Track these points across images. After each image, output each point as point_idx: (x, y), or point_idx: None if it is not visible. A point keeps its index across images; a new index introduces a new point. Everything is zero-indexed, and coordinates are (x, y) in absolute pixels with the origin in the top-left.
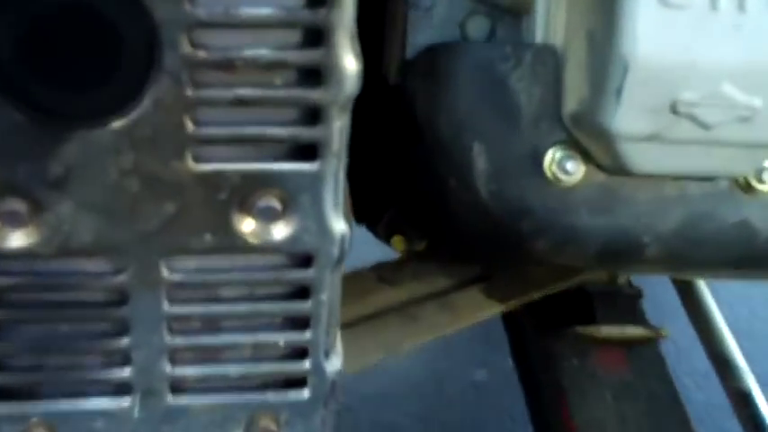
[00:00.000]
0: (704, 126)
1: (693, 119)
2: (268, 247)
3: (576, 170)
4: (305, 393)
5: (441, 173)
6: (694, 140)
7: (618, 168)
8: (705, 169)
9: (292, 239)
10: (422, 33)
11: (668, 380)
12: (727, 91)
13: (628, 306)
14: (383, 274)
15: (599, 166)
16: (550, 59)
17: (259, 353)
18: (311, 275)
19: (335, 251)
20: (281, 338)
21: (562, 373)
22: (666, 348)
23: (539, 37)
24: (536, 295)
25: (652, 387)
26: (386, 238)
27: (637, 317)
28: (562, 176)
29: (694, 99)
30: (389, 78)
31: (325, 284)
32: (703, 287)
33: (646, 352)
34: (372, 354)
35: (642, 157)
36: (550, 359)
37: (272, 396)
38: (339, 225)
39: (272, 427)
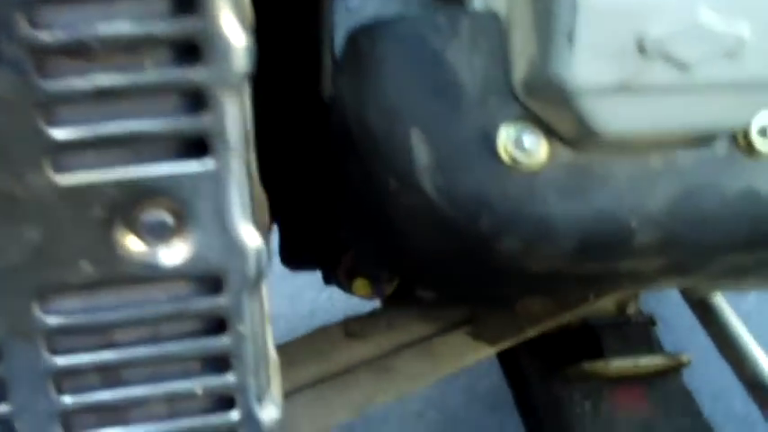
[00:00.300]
0: (681, 66)
1: (667, 58)
2: (164, 273)
3: (536, 147)
4: None
5: (378, 176)
6: (671, 86)
7: (584, 136)
8: (691, 124)
9: (193, 260)
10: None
11: (696, 412)
12: (705, 19)
13: (639, 335)
14: (352, 328)
15: (564, 141)
16: (492, 26)
17: (174, 407)
18: (223, 303)
19: (250, 270)
20: (199, 385)
21: (574, 420)
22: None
23: (478, 4)
24: (531, 333)
25: (679, 424)
26: (348, 284)
27: (651, 346)
28: (521, 157)
29: (665, 34)
30: (325, 95)
31: (243, 313)
32: (723, 304)
33: (667, 384)
34: (339, 412)
35: (611, 115)
36: (559, 405)
37: None
38: (251, 237)
39: None
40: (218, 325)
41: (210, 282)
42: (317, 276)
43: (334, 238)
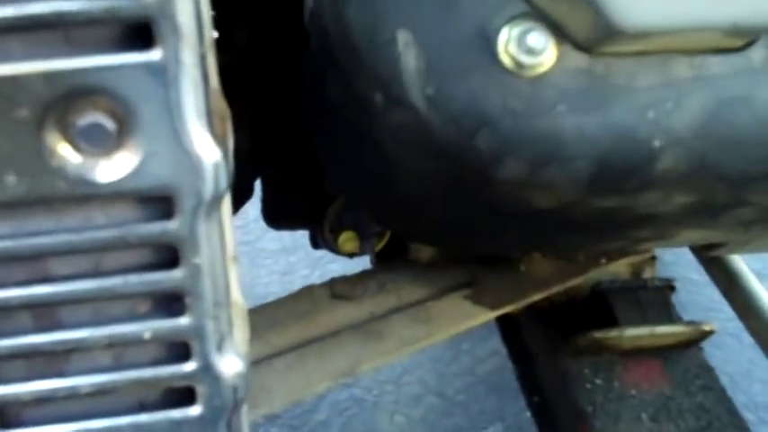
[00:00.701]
0: None
1: None
2: (104, 191)
3: (543, 49)
4: (194, 410)
5: (362, 90)
6: None
7: (601, 35)
8: (727, 18)
9: (138, 176)
10: None
11: (719, 389)
12: None
13: (656, 302)
14: (338, 289)
15: (576, 43)
16: None
17: (119, 355)
18: (175, 229)
19: (207, 188)
20: (147, 329)
21: (583, 397)
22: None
23: None
24: (536, 296)
25: (699, 401)
26: (333, 239)
27: (669, 314)
28: (526, 61)
29: None
30: (306, 9)
31: (199, 241)
32: (747, 273)
33: (686, 358)
34: (319, 378)
35: (632, 7)
36: (566, 381)
37: (146, 418)
38: (207, 148)
39: None
40: (169, 256)
41: (159, 203)
42: (309, 254)
43: (318, 192)
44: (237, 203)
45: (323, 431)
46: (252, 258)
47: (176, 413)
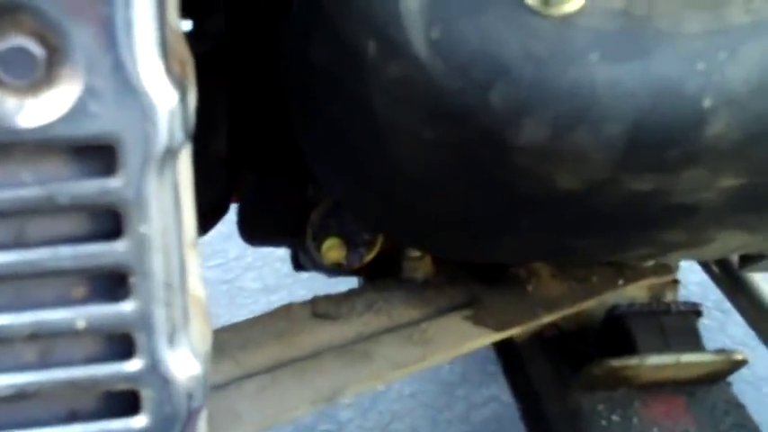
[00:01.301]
0: None
1: None
2: (30, 138)
3: None
4: (138, 421)
5: (352, 41)
6: None
7: None
8: None
9: (73, 119)
10: None
11: (752, 427)
12: None
13: (681, 328)
14: (321, 308)
15: None
16: None
17: (46, 350)
18: (118, 187)
19: (159, 136)
20: (81, 316)
21: None
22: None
23: None
24: (545, 319)
25: None
26: (317, 248)
27: (696, 342)
28: None
29: None
30: None
31: (149, 204)
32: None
33: (713, 395)
34: (296, 403)
35: None
36: (579, 418)
37: (78, 430)
38: (162, 87)
39: None
40: (110, 224)
41: (98, 155)
42: (292, 293)
43: (300, 199)
44: (212, 219)
45: None
46: (231, 298)
47: (116, 424)
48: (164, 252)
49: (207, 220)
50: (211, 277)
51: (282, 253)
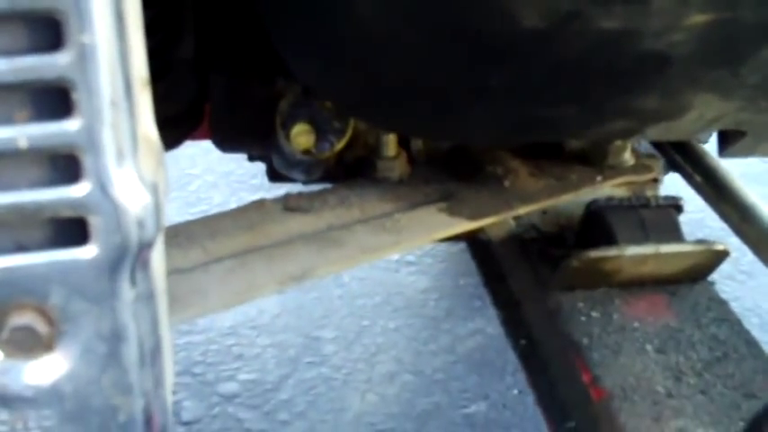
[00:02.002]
0: None
1: None
2: None
3: None
4: (87, 251)
5: None
6: None
7: None
8: None
9: None
10: None
11: (734, 320)
12: None
13: (661, 222)
14: (293, 202)
15: None
16: None
17: None
18: None
19: None
20: (22, 135)
21: (578, 329)
22: None
23: None
24: (521, 209)
25: (712, 332)
26: (286, 136)
27: (676, 236)
28: None
29: None
30: None
31: (90, 9)
32: (761, 204)
33: (695, 292)
34: (263, 283)
35: None
36: (558, 315)
37: (22, 261)
38: None
39: (39, 324)
40: (50, 33)
41: None
42: None
43: (268, 99)
44: (188, 125)
45: (286, 411)
46: None
47: (64, 254)
48: (108, 67)
49: (182, 124)
50: None
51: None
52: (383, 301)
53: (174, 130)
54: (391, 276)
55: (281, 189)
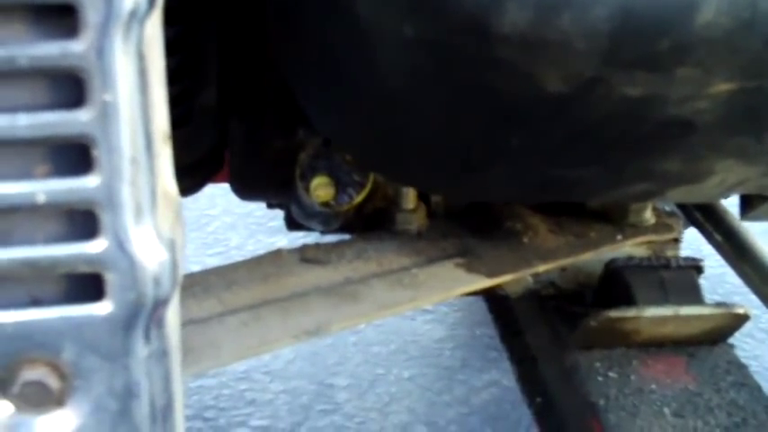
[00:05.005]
0: None
1: None
2: None
3: None
4: (102, 307)
5: None
6: None
7: None
8: None
9: None
10: None
11: (754, 385)
12: None
13: (681, 283)
14: (310, 253)
15: None
16: None
17: (5, 228)
18: (80, 50)
19: None
20: (41, 191)
21: (594, 389)
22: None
23: None
24: (540, 267)
25: (731, 397)
26: (305, 188)
27: (697, 297)
28: None
29: None
30: None
31: (113, 68)
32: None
33: (714, 356)
34: (277, 336)
35: None
36: (575, 375)
37: (37, 315)
38: None
39: (51, 379)
40: (72, 90)
41: (60, 17)
42: None
43: (288, 149)
44: (208, 171)
45: None
46: None
47: (78, 310)
48: (129, 125)
49: (203, 170)
50: (212, 264)
51: (284, 244)
52: (398, 349)
53: (194, 176)
54: (407, 324)
55: (299, 233)
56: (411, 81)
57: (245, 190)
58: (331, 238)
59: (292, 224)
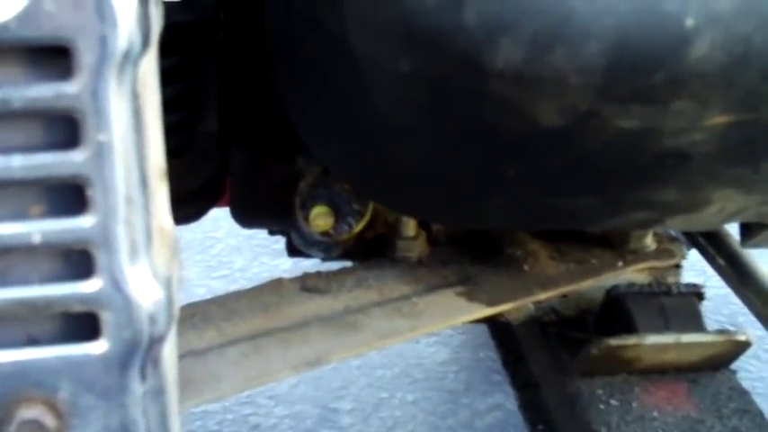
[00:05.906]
0: None
1: None
2: None
3: None
4: (98, 346)
5: None
6: None
7: None
8: None
9: (26, 18)
10: None
11: (756, 412)
12: None
13: (682, 310)
14: (310, 282)
15: None
16: None
17: (2, 269)
18: (75, 91)
19: (118, 34)
20: (36, 231)
21: (596, 417)
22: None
23: None
24: (541, 295)
25: (734, 424)
26: (305, 217)
27: (697, 324)
28: None
29: None
30: None
31: (108, 109)
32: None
33: (716, 382)
34: (277, 368)
35: None
36: (577, 402)
37: (33, 355)
38: None
39: (47, 418)
40: (66, 131)
41: (54, 58)
42: None
43: (288, 177)
44: (210, 198)
45: None
46: None
47: (74, 349)
48: (124, 164)
49: (204, 197)
50: (216, 288)
51: (288, 266)
52: (402, 372)
53: (195, 203)
54: (411, 347)
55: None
56: (408, 114)
57: (246, 218)
58: (332, 264)
59: (293, 251)
